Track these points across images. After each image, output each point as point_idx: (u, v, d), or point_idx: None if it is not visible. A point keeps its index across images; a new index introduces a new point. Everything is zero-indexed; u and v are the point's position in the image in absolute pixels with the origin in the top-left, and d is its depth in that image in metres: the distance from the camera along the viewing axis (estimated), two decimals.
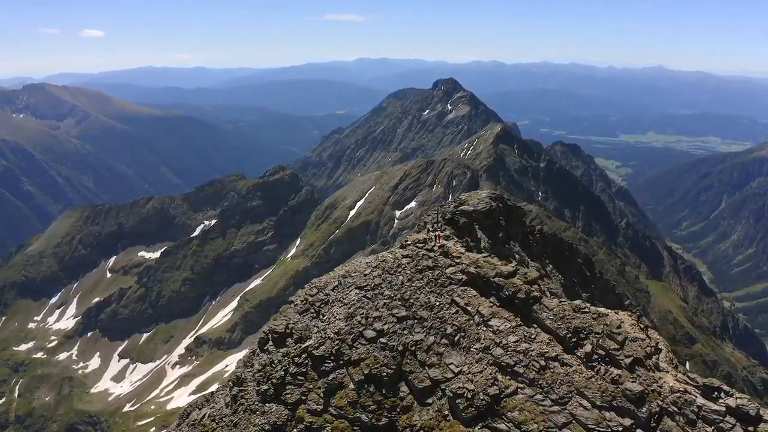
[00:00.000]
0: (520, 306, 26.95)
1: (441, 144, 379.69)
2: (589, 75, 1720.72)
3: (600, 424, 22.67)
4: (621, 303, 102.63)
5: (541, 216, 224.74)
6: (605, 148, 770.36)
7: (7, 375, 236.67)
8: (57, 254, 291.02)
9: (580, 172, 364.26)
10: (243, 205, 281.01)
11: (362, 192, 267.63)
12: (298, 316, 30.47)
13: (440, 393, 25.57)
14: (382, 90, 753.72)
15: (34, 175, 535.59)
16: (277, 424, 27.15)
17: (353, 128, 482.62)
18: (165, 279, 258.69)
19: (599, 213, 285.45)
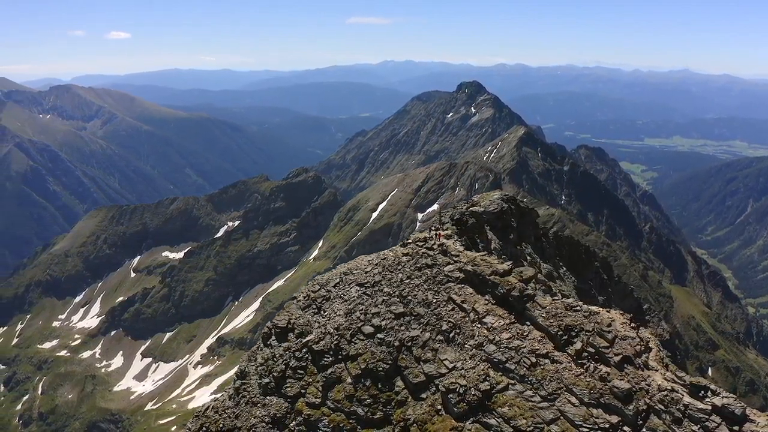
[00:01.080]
0: (514, 304, 27.30)
1: (464, 147, 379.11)
2: (614, 78, 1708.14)
3: (587, 420, 22.94)
4: (640, 307, 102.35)
5: (564, 219, 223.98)
6: (631, 152, 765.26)
7: (31, 372, 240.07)
8: (82, 253, 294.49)
9: (605, 175, 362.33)
10: (266, 207, 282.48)
11: (385, 194, 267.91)
12: (300, 311, 31.11)
13: (434, 388, 26.00)
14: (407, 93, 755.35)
15: (61, 175, 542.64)
16: (277, 416, 27.77)
17: (377, 131, 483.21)
18: (188, 279, 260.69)
19: (623, 217, 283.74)
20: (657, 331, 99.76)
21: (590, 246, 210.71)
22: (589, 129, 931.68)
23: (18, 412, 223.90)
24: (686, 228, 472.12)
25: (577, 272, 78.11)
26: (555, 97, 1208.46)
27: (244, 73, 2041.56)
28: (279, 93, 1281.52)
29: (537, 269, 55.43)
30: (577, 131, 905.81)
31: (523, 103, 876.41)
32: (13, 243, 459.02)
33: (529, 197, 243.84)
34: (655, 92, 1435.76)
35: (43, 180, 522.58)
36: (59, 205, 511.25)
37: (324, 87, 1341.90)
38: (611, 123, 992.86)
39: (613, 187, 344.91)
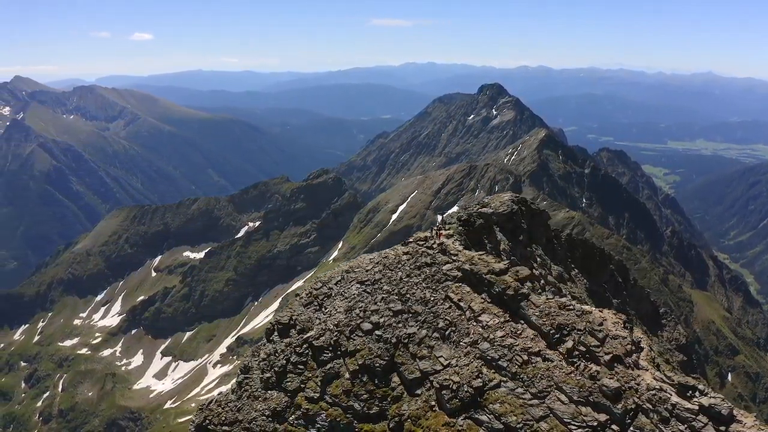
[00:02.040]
0: (509, 302, 27.61)
1: (485, 149, 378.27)
2: (637, 81, 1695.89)
3: (576, 418, 23.21)
4: (656, 311, 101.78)
5: (584, 222, 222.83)
6: (653, 155, 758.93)
7: (51, 370, 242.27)
8: (103, 253, 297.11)
9: (626, 179, 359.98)
10: (287, 208, 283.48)
11: (405, 196, 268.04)
12: (302, 308, 31.70)
13: (429, 384, 26.41)
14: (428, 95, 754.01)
15: (84, 175, 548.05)
16: (277, 410, 28.33)
17: (398, 132, 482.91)
18: (209, 279, 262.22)
19: (644, 221, 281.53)
20: (673, 336, 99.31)
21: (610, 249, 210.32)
22: (612, 132, 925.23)
23: (38, 409, 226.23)
24: (708, 232, 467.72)
25: (591, 275, 78.08)
26: (577, 100, 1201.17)
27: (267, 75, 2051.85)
28: (301, 94, 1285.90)
29: (547, 271, 55.75)
30: (599, 134, 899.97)
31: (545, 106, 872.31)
32: (36, 242, 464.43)
33: (550, 200, 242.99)
34: (679, 95, 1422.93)
35: (67, 180, 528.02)
36: (82, 204, 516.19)
37: (346, 89, 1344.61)
38: (634, 126, 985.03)
39: (634, 191, 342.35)
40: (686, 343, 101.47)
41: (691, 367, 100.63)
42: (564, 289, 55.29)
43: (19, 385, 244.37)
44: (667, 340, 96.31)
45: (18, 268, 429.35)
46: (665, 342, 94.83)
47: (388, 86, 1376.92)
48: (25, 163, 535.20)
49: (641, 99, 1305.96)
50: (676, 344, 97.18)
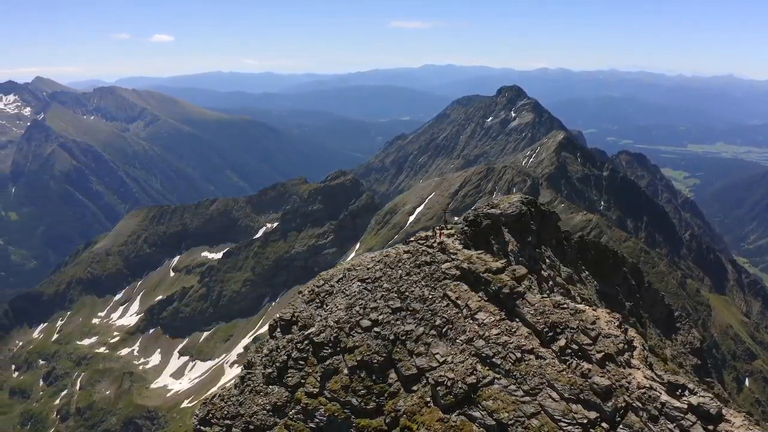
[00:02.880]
0: (505, 301, 27.91)
1: (504, 151, 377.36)
2: (657, 83, 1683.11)
3: (566, 415, 23.46)
4: (670, 314, 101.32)
5: (601, 225, 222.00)
6: (673, 158, 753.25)
7: (70, 368, 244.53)
8: (122, 252, 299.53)
9: (645, 182, 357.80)
10: (304, 209, 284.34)
11: (422, 198, 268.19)
12: (304, 305, 32.25)
13: (425, 381, 26.78)
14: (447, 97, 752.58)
15: (103, 175, 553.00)
16: (277, 404, 28.88)
17: (416, 134, 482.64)
18: (226, 279, 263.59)
19: (663, 224, 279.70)
20: (687, 339, 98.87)
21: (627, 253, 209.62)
22: (631, 134, 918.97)
23: (56, 407, 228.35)
24: (728, 236, 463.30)
25: (603, 277, 78.07)
26: (597, 102, 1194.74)
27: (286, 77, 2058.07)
28: (320, 96, 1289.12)
29: (556, 272, 55.88)
30: (618, 137, 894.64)
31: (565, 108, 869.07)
32: (56, 241, 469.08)
33: (567, 203, 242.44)
34: (699, 98, 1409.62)
35: (86, 180, 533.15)
36: (102, 204, 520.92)
37: (365, 90, 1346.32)
38: (653, 129, 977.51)
39: (653, 194, 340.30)
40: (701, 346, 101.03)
41: (705, 370, 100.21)
42: (573, 291, 55.45)
43: (37, 383, 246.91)
44: (681, 344, 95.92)
45: (38, 268, 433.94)
46: (679, 345, 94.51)
47: (407, 88, 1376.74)
48: (45, 163, 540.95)
49: (661, 101, 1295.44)
50: (691, 348, 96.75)
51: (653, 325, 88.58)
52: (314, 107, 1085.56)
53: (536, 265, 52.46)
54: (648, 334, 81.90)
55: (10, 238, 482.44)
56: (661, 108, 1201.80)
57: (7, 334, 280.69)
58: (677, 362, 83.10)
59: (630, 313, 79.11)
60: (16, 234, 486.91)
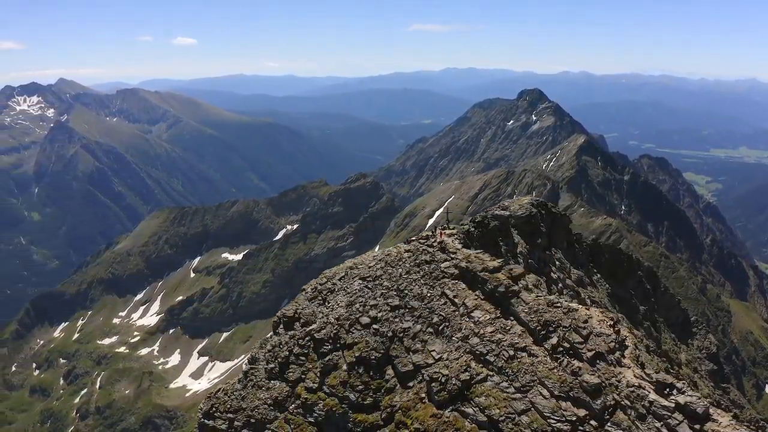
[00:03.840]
0: (500, 299, 28.30)
1: (524, 155, 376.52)
2: (680, 87, 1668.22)
3: (555, 412, 23.78)
4: (687, 319, 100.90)
5: (621, 230, 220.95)
6: (695, 163, 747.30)
7: (90, 367, 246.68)
8: (143, 253, 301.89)
9: (667, 186, 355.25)
10: (324, 211, 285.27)
11: (441, 201, 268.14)
12: (307, 302, 32.87)
13: (420, 377, 27.22)
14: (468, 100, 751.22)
15: (126, 177, 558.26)
16: (278, 399, 29.49)
17: (437, 138, 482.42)
18: (246, 280, 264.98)
19: (684, 229, 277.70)
20: (704, 344, 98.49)
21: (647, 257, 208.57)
22: (654, 138, 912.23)
23: (76, 405, 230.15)
24: (750, 241, 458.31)
25: (618, 281, 77.99)
26: (619, 106, 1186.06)
27: (308, 79, 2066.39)
28: (341, 99, 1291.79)
29: (566, 274, 56.06)
30: (640, 141, 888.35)
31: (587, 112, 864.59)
32: (78, 241, 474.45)
33: (587, 207, 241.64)
34: (722, 102, 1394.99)
35: (109, 181, 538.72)
36: (124, 205, 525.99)
37: (386, 93, 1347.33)
38: (676, 133, 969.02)
39: (675, 198, 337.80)
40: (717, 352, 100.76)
41: (722, 376, 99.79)
42: (583, 293, 55.59)
43: (57, 382, 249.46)
44: (697, 349, 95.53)
45: (60, 267, 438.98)
46: (695, 350, 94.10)
47: (429, 91, 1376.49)
48: (68, 164, 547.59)
49: (684, 105, 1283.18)
50: (707, 353, 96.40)
51: (669, 329, 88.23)
52: (336, 110, 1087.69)
53: (546, 267, 52.80)
54: (663, 338, 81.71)
55: (32, 238, 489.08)
56: (683, 112, 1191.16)
57: (28, 333, 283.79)
58: (692, 367, 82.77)
59: (644, 317, 78.99)
60: (38, 234, 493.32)
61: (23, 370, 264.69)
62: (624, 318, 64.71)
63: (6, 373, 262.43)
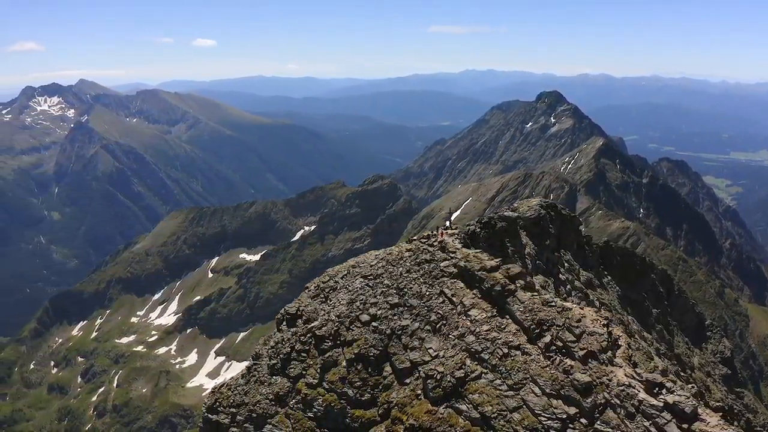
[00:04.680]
0: (496, 298, 28.65)
1: (543, 157, 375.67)
2: (700, 89, 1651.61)
3: (546, 410, 24.12)
4: (701, 323, 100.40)
5: (639, 233, 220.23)
6: (715, 166, 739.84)
7: (107, 366, 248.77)
8: (162, 253, 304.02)
9: (686, 189, 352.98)
10: (341, 212, 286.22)
11: (459, 203, 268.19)
12: (309, 300, 33.47)
13: (417, 374, 27.66)
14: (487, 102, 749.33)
15: (145, 177, 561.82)
16: (279, 394, 30.15)
17: (455, 140, 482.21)
18: (264, 281, 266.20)
19: (703, 232, 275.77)
20: (718, 348, 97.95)
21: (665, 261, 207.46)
22: (674, 141, 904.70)
23: (93, 404, 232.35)
24: None
25: (630, 283, 77.88)
26: (639, 109, 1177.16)
27: (326, 81, 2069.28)
28: (360, 101, 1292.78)
29: (574, 276, 56.20)
30: (660, 143, 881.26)
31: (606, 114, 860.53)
32: (98, 241, 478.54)
33: (605, 210, 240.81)
34: (742, 104, 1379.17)
35: (128, 181, 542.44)
36: (143, 205, 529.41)
37: (405, 95, 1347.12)
38: (696, 136, 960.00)
39: (694, 202, 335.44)
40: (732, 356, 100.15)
41: (736, 381, 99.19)
42: (591, 295, 55.67)
43: (75, 380, 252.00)
44: (711, 353, 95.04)
45: (79, 267, 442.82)
46: (709, 354, 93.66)
47: (448, 93, 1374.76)
48: (88, 165, 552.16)
49: (704, 108, 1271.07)
50: (721, 357, 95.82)
51: (682, 333, 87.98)
52: (354, 111, 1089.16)
53: (554, 268, 52.94)
54: (675, 342, 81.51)
55: (52, 237, 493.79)
56: (704, 114, 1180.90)
57: (47, 332, 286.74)
58: (705, 371, 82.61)
59: (657, 320, 78.90)
60: (58, 233, 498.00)
61: (41, 368, 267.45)
62: (634, 320, 64.97)
63: (24, 370, 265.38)
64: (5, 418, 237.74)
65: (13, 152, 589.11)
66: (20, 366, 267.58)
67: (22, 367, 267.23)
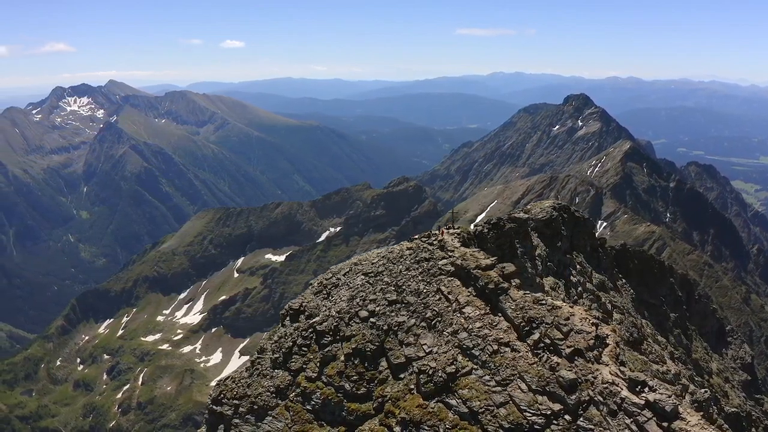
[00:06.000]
0: (490, 296, 29.20)
1: (570, 160, 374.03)
2: (731, 93, 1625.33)
3: (532, 406, 24.64)
4: (722, 328, 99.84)
5: (665, 237, 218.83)
6: (745, 171, 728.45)
7: (133, 363, 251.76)
8: (188, 252, 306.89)
9: (714, 194, 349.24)
10: (367, 214, 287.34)
11: (484, 205, 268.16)
12: (312, 296, 34.44)
13: (411, 369, 28.29)
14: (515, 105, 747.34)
15: (173, 177, 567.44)
16: (280, 387, 31.06)
17: (482, 142, 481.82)
18: (288, 281, 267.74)
19: (730, 238, 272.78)
20: (738, 354, 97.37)
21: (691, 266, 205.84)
22: (703, 145, 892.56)
23: (118, 401, 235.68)
24: None
25: (648, 287, 77.78)
26: (668, 112, 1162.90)
27: (354, 83, 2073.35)
28: (388, 103, 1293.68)
29: (586, 278, 56.33)
30: (690, 147, 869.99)
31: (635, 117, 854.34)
32: (126, 240, 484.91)
33: (631, 213, 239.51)
34: None
35: (156, 181, 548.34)
36: (171, 205, 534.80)
37: (433, 98, 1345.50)
38: (725, 140, 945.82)
39: (722, 207, 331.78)
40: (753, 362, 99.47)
41: (756, 387, 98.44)
42: (603, 298, 55.75)
43: (101, 377, 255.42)
44: (731, 359, 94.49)
45: (107, 265, 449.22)
46: (729, 360, 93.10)
47: (476, 96, 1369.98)
48: (117, 164, 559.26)
49: (734, 112, 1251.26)
50: (741, 363, 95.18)
51: (701, 338, 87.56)
52: (382, 113, 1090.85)
53: (565, 270, 53.16)
54: (694, 346, 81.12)
55: (81, 236, 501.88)
56: (734, 119, 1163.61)
57: (74, 329, 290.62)
58: (723, 376, 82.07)
59: (675, 324, 78.58)
60: (87, 232, 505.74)
61: (68, 364, 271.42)
62: (648, 324, 64.91)
63: (51, 367, 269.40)
64: (31, 413, 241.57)
65: (43, 152, 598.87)
66: (47, 362, 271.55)
67: (49, 363, 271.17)
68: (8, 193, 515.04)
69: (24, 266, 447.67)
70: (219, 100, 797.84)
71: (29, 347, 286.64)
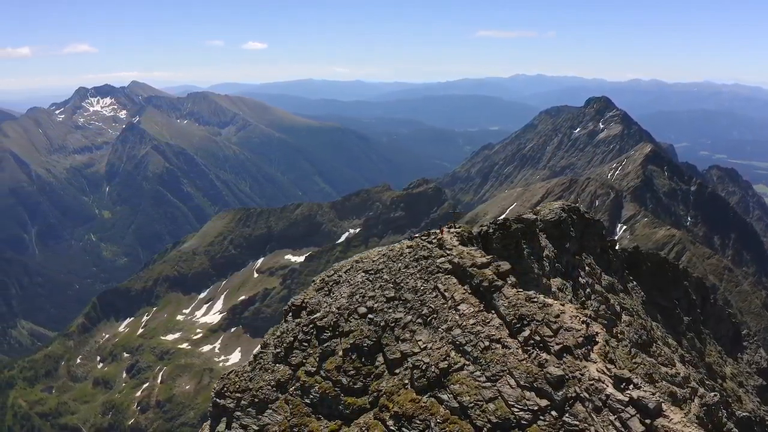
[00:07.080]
0: (484, 293, 29.73)
1: (591, 163, 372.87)
2: (754, 96, 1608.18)
3: (519, 401, 25.14)
4: (737, 332, 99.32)
5: (685, 241, 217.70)
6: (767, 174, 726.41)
7: (152, 362, 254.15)
8: (209, 252, 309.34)
9: (736, 198, 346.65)
10: (386, 216, 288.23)
11: (503, 208, 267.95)
12: (314, 293, 35.29)
13: (406, 364, 28.90)
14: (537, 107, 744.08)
15: (195, 178, 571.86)
16: (281, 381, 31.87)
17: (503, 144, 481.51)
18: (308, 282, 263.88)
19: (751, 242, 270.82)
20: (754, 359, 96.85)
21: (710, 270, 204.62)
22: (725, 149, 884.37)
23: (137, 399, 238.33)
24: None
25: (661, 290, 77.65)
26: (690, 115, 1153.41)
27: (376, 85, 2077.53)
28: (409, 105, 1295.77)
29: (595, 280, 56.52)
30: (712, 151, 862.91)
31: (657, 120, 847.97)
32: (147, 239, 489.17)
33: (651, 217, 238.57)
34: None
35: (178, 181, 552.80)
36: (192, 205, 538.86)
37: (454, 99, 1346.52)
38: (748, 143, 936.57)
39: (744, 211, 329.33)
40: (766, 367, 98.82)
41: None
42: (612, 299, 55.97)
43: (120, 375, 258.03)
44: (747, 363, 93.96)
45: (128, 264, 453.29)
46: (744, 365, 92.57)
47: (497, 98, 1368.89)
48: (139, 165, 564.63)
49: (757, 115, 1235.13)
50: (757, 368, 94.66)
51: (716, 342, 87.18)
52: (403, 115, 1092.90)
53: (574, 271, 53.44)
54: (708, 350, 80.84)
55: (102, 235, 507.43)
56: (757, 122, 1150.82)
57: (94, 327, 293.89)
58: (737, 381, 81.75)
59: (688, 327, 78.34)
60: (108, 231, 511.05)
61: (88, 362, 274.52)
62: (658, 326, 64.94)
63: (71, 365, 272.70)
64: (51, 410, 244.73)
65: (65, 151, 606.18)
66: (67, 360, 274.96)
67: (69, 361, 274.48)
68: (31, 192, 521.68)
69: (46, 265, 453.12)
70: (241, 102, 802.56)
71: (50, 345, 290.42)
